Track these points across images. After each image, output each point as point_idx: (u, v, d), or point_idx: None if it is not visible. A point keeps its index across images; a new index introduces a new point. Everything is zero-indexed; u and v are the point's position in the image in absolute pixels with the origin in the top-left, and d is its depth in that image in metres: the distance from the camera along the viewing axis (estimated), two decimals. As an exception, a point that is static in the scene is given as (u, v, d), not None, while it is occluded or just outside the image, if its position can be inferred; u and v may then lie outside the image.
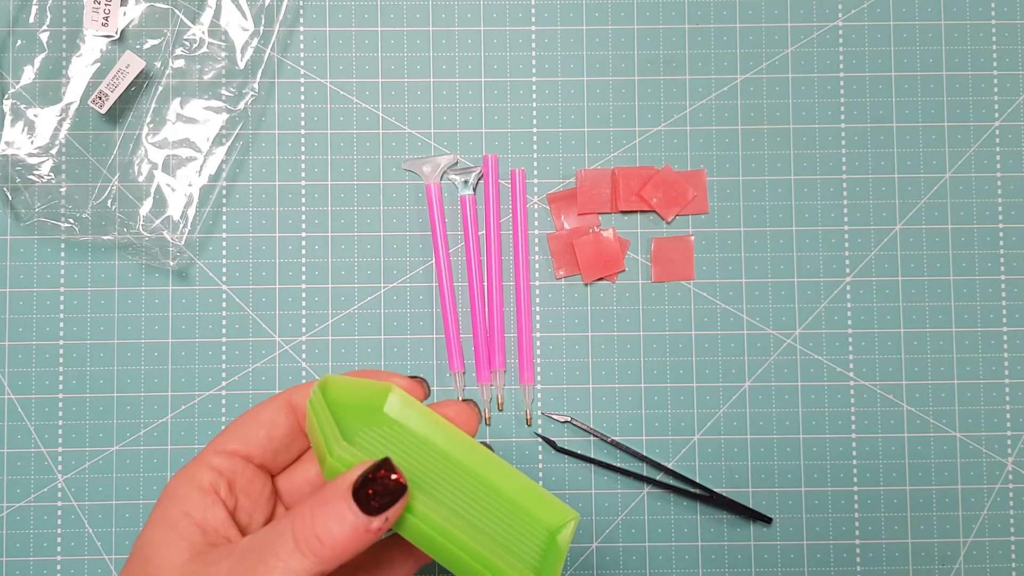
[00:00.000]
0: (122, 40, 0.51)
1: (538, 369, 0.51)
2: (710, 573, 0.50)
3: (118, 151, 0.50)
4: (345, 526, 0.28)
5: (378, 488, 0.28)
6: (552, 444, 0.50)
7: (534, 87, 0.52)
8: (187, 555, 0.30)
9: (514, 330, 0.51)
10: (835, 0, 0.52)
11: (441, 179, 0.51)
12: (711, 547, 0.50)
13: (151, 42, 0.51)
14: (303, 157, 0.51)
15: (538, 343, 0.51)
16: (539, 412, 0.51)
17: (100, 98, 0.49)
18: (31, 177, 0.50)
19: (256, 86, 0.51)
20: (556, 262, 0.51)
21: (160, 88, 0.51)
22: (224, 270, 0.51)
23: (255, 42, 0.51)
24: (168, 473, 0.50)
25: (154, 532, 0.31)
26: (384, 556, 0.34)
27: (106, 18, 0.49)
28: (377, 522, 0.28)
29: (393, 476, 0.28)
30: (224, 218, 0.51)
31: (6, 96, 0.50)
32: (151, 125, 0.50)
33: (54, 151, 0.50)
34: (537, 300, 0.51)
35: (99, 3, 0.49)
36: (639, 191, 0.51)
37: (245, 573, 0.28)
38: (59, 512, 0.50)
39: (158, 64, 0.51)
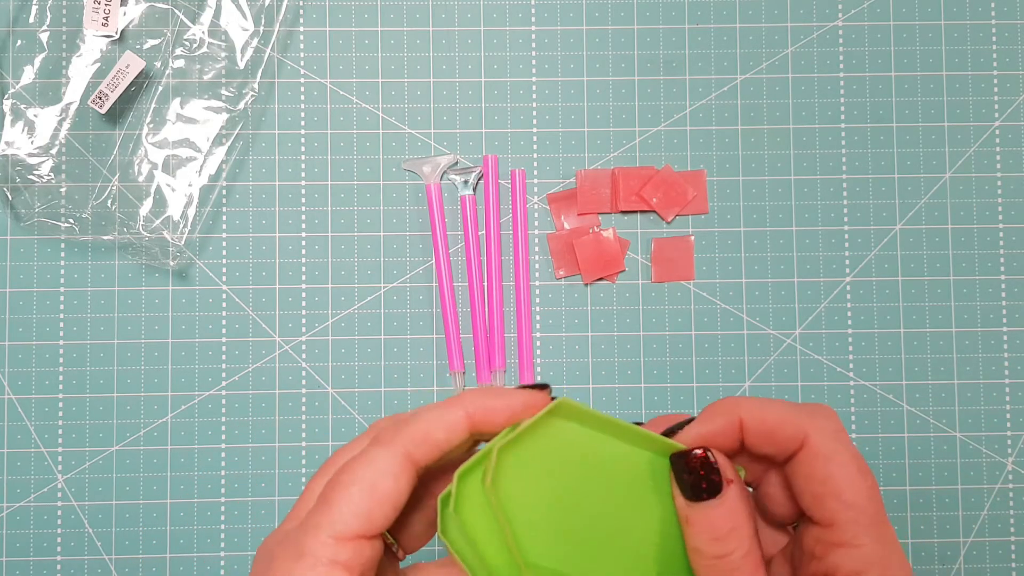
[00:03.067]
0: (122, 40, 0.51)
1: (538, 369, 0.51)
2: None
3: (118, 151, 0.50)
4: None
5: None
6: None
7: (534, 87, 0.52)
8: None
9: (514, 330, 0.51)
10: (835, 0, 0.52)
11: (441, 179, 0.51)
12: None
13: (151, 42, 0.51)
14: (303, 157, 0.51)
15: (538, 343, 0.51)
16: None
17: (100, 98, 0.49)
18: (31, 177, 0.50)
19: (256, 86, 0.51)
20: (556, 262, 0.51)
21: (160, 88, 0.51)
22: (224, 270, 0.51)
23: (255, 42, 0.51)
24: (168, 473, 0.50)
25: None
26: None
27: (106, 18, 0.49)
28: None
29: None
30: (224, 218, 0.51)
31: (6, 96, 0.50)
32: (151, 125, 0.50)
33: (54, 151, 0.50)
34: (537, 300, 0.51)
35: (99, 3, 0.49)
36: (639, 191, 0.51)
37: None
38: (59, 512, 0.50)
39: (158, 64, 0.51)
